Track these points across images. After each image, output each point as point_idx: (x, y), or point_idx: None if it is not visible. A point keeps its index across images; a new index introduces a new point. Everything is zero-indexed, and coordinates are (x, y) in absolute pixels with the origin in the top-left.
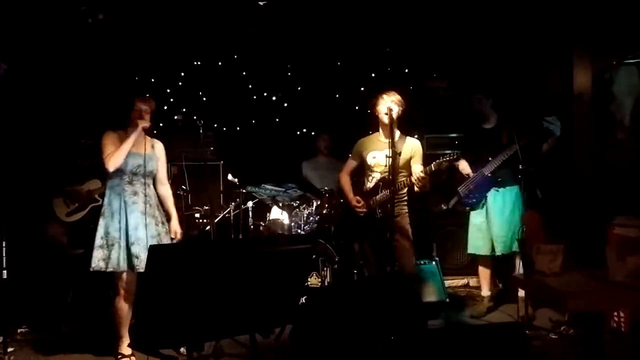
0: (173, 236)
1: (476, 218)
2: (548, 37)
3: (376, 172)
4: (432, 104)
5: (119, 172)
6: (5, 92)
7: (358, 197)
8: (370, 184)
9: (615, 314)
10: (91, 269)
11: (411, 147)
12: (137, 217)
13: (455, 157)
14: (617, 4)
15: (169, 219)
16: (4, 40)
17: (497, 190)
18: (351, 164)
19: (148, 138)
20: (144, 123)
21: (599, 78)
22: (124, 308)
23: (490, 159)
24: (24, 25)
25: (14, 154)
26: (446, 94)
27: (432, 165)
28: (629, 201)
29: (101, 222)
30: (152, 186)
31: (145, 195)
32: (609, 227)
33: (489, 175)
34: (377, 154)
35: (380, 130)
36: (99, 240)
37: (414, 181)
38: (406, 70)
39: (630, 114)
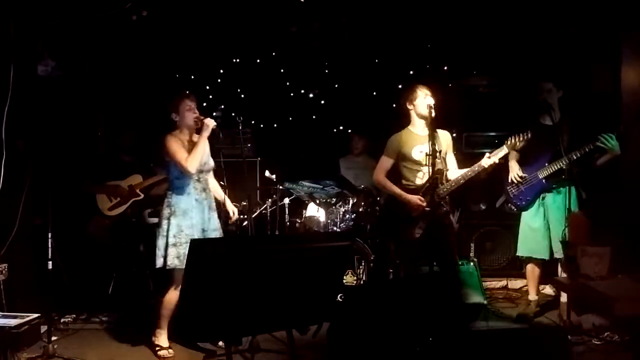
0: (231, 215)
1: (534, 220)
2: (594, 29)
3: (425, 166)
4: (471, 102)
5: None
6: (52, 89)
7: (420, 196)
8: (421, 180)
9: None
10: (167, 267)
11: (446, 139)
12: (206, 213)
13: (527, 136)
14: None
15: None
16: (51, 37)
17: (559, 192)
18: (387, 162)
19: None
20: (212, 123)
21: None
22: (173, 301)
23: (546, 164)
24: (70, 23)
25: (60, 150)
26: (486, 91)
27: (504, 146)
28: None
29: (173, 222)
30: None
31: (210, 191)
32: None
33: (544, 180)
34: (422, 148)
35: (415, 123)
36: (171, 239)
37: (485, 166)
38: (445, 68)
39: None
